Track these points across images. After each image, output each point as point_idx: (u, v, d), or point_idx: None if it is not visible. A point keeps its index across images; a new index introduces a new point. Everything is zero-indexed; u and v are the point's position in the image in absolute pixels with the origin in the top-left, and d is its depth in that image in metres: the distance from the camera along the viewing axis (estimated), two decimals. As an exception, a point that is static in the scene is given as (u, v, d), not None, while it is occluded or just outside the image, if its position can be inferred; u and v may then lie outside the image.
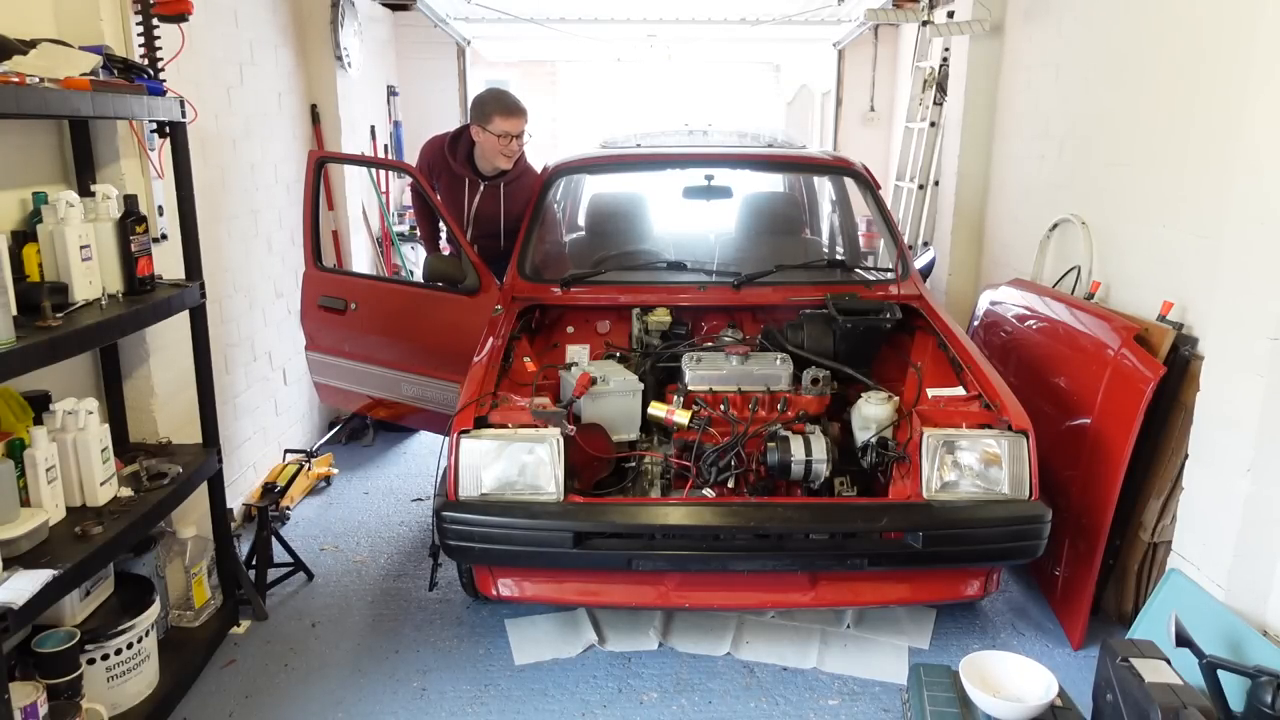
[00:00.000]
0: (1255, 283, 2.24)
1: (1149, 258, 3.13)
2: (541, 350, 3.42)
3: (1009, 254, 4.40)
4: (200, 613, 2.81)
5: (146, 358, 2.82)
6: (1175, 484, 2.68)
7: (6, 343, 1.92)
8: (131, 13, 2.67)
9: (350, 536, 3.69)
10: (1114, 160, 3.40)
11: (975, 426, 2.63)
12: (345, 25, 4.61)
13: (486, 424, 2.62)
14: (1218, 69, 2.77)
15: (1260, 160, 2.23)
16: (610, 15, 6.78)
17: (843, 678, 2.74)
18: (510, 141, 3.70)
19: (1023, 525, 2.53)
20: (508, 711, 2.60)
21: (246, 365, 3.88)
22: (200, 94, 3.34)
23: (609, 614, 3.02)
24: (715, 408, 2.91)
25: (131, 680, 2.37)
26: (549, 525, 2.51)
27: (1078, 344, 3.12)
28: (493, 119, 3.66)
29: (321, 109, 4.63)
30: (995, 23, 4.52)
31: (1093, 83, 3.59)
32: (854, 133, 7.23)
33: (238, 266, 3.78)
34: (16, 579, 1.91)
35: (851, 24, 6.67)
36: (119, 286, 2.46)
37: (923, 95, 5.31)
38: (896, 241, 3.73)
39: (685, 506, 2.58)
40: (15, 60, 2.11)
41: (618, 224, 4.34)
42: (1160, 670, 2.06)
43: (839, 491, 2.88)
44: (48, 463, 2.15)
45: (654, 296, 3.44)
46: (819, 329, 3.22)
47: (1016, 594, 3.21)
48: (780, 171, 4.87)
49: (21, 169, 2.42)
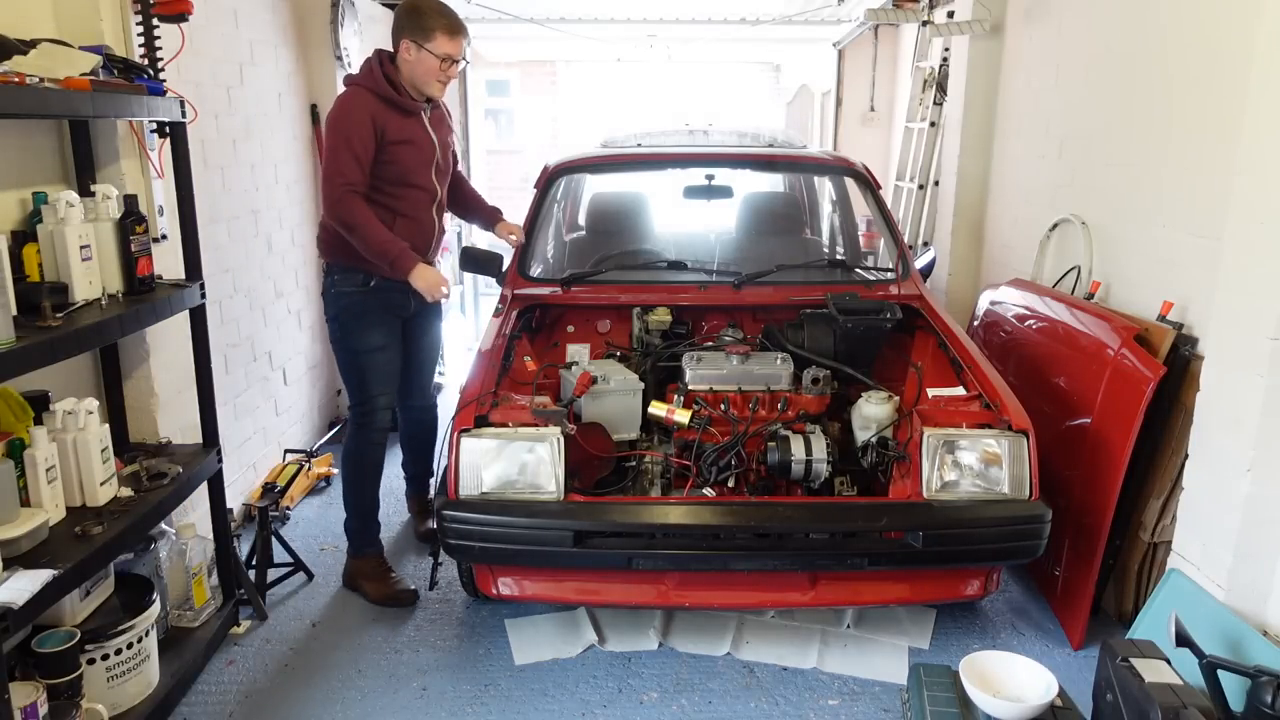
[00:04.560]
0: (1255, 283, 2.23)
1: (1149, 258, 3.13)
2: (542, 349, 3.43)
3: (1009, 254, 4.40)
4: (200, 613, 2.81)
5: (146, 358, 2.82)
6: (1175, 484, 2.68)
7: (6, 343, 1.91)
8: (131, 13, 2.67)
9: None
10: (1114, 160, 3.40)
11: (975, 426, 2.64)
12: (345, 25, 4.60)
13: (487, 423, 2.62)
14: (1218, 69, 2.77)
15: (1260, 160, 2.23)
16: (610, 15, 6.79)
17: (843, 678, 2.74)
18: (451, 66, 3.01)
19: (1023, 525, 2.53)
20: (508, 711, 2.59)
21: (246, 365, 3.88)
22: (200, 94, 3.34)
23: (609, 614, 3.02)
24: (715, 407, 2.91)
25: (131, 680, 2.36)
26: (549, 524, 2.52)
27: (1078, 344, 3.12)
28: (435, 36, 2.93)
29: (321, 109, 4.63)
30: (995, 23, 4.52)
31: (1093, 82, 3.59)
32: (854, 133, 7.23)
33: (238, 267, 3.78)
34: (16, 579, 1.90)
35: (851, 24, 6.67)
36: (119, 286, 2.46)
37: (923, 95, 5.31)
38: (897, 241, 3.73)
39: (685, 506, 2.58)
40: (15, 60, 2.11)
41: (618, 223, 4.34)
42: (1160, 670, 2.06)
43: (839, 491, 2.88)
44: (48, 463, 2.14)
45: (654, 296, 3.44)
46: (819, 329, 3.22)
47: (1016, 594, 3.21)
48: (780, 171, 4.88)
49: (21, 169, 2.42)
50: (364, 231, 2.92)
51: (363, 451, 3.21)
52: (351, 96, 2.98)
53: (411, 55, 2.97)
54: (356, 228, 2.91)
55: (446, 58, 2.97)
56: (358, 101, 2.95)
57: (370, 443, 3.19)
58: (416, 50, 2.95)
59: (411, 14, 2.96)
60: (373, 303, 3.11)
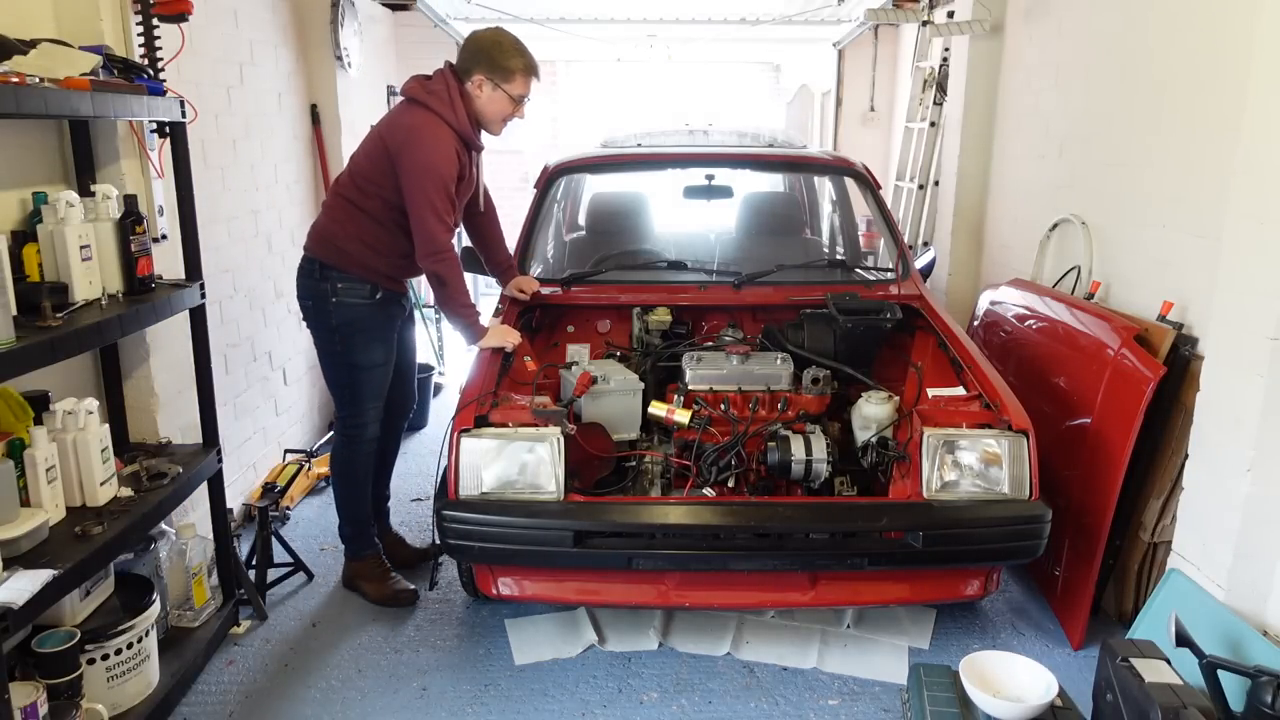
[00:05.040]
0: (1255, 283, 2.23)
1: (1149, 258, 3.13)
2: (542, 349, 3.43)
3: (1009, 254, 4.40)
4: (200, 613, 2.81)
5: (146, 358, 2.82)
6: (1175, 484, 2.68)
7: (6, 343, 1.92)
8: (131, 13, 2.67)
9: (350, 536, 3.69)
10: (1114, 160, 3.40)
11: (975, 426, 2.64)
12: (345, 25, 4.61)
13: (487, 423, 2.62)
14: (1217, 68, 2.77)
15: (1259, 160, 2.23)
16: (610, 15, 6.79)
17: (843, 678, 2.74)
18: (520, 107, 2.92)
19: (1023, 525, 2.53)
20: (508, 711, 2.59)
21: (246, 365, 3.88)
22: (200, 94, 3.34)
23: (609, 614, 3.02)
24: (715, 407, 2.91)
25: (131, 680, 2.36)
26: (549, 524, 2.52)
27: (1078, 344, 3.12)
28: (514, 77, 2.83)
29: (321, 109, 4.63)
30: (995, 23, 4.52)
31: (1093, 82, 3.59)
32: (854, 133, 7.23)
33: (238, 267, 3.78)
34: (16, 579, 1.90)
35: (851, 24, 6.67)
36: (119, 286, 2.46)
37: (923, 95, 5.31)
38: (897, 241, 3.74)
39: (685, 506, 2.58)
40: (15, 60, 2.11)
41: (618, 223, 4.35)
42: (1160, 670, 2.06)
43: (839, 491, 2.88)
44: (48, 463, 2.14)
45: (654, 296, 3.44)
46: (819, 329, 3.22)
47: (1016, 594, 3.21)
48: (780, 171, 4.88)
49: (21, 169, 2.42)
50: (455, 289, 2.89)
51: (354, 461, 3.12)
52: (442, 134, 2.80)
53: (484, 92, 2.85)
54: (449, 284, 2.87)
55: (520, 99, 2.90)
56: (448, 139, 2.81)
57: (362, 453, 3.11)
58: (492, 89, 2.85)
59: (492, 50, 2.83)
60: (379, 316, 3.01)
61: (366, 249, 2.92)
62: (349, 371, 3.02)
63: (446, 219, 2.82)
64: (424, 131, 2.79)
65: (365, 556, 3.23)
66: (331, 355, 3.04)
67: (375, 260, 2.93)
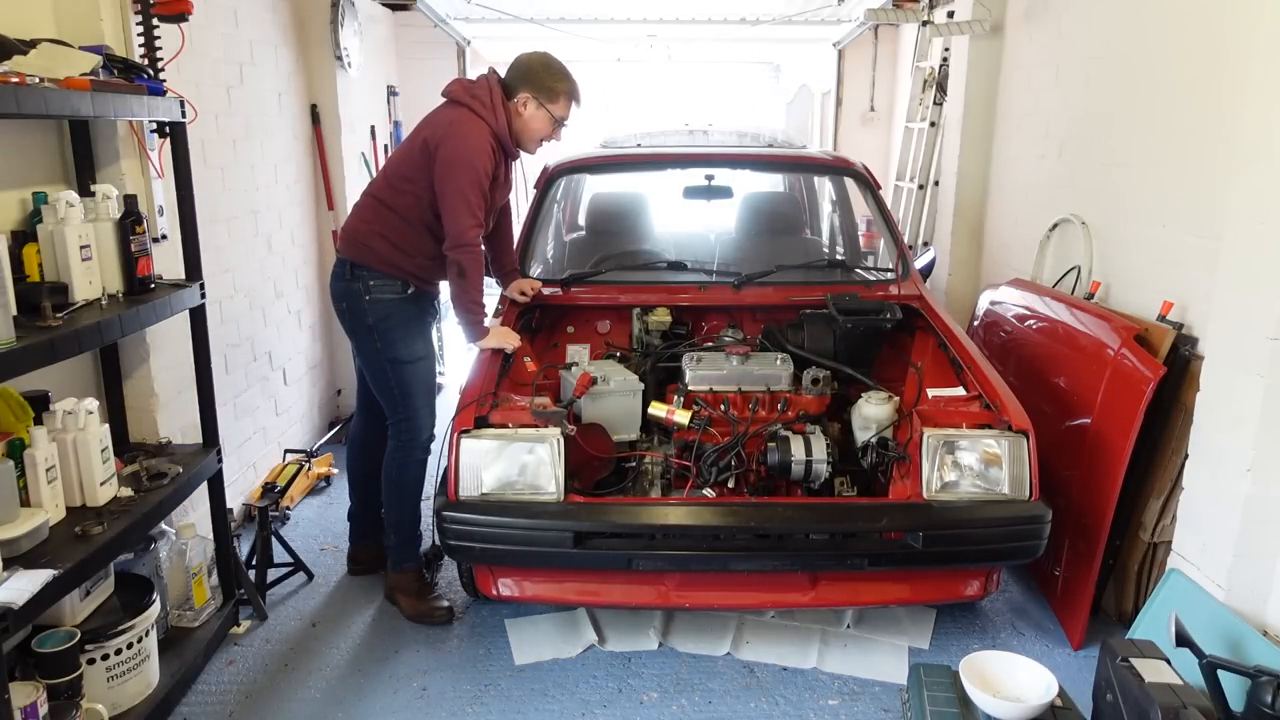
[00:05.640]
0: (1255, 283, 2.24)
1: (1149, 258, 3.13)
2: (542, 350, 3.43)
3: (1009, 254, 4.40)
4: (200, 613, 2.81)
5: (146, 358, 2.82)
6: (1175, 484, 2.68)
7: (6, 343, 1.92)
8: (131, 13, 2.67)
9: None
10: (1114, 160, 3.40)
11: (975, 426, 2.64)
12: (345, 25, 4.61)
13: (487, 424, 2.63)
14: (1218, 68, 2.77)
15: (1260, 160, 2.23)
16: (610, 15, 6.78)
17: (843, 678, 2.74)
18: (558, 129, 3.04)
19: (1023, 525, 2.54)
20: (508, 711, 2.60)
21: (246, 365, 3.88)
22: (200, 94, 3.34)
23: (609, 614, 3.02)
24: (715, 408, 2.92)
25: (131, 680, 2.36)
26: (549, 525, 2.52)
27: (1078, 344, 3.12)
28: (559, 100, 2.95)
29: (321, 109, 4.63)
30: (995, 23, 4.52)
31: (1093, 83, 3.59)
32: (854, 133, 7.23)
33: (238, 266, 3.78)
34: (16, 579, 1.90)
35: (851, 24, 6.67)
36: (119, 286, 2.46)
37: (923, 95, 5.31)
38: (897, 241, 3.74)
39: (685, 506, 2.58)
40: (15, 60, 2.11)
41: (618, 224, 4.35)
42: (1160, 670, 2.06)
43: (839, 491, 2.88)
44: (48, 463, 2.15)
45: (654, 296, 3.44)
46: (819, 329, 3.22)
47: (1016, 594, 3.21)
48: (780, 171, 4.88)
49: (21, 169, 2.42)
50: (472, 284, 2.90)
51: (406, 469, 3.04)
52: (483, 133, 2.87)
53: (527, 110, 2.94)
54: (469, 277, 2.88)
55: (560, 121, 3.00)
56: (486, 138, 2.87)
57: (414, 460, 3.03)
58: (536, 107, 2.93)
59: (542, 72, 2.92)
60: (413, 310, 3.01)
61: (392, 247, 2.93)
62: (393, 369, 2.98)
63: (477, 213, 2.84)
64: (464, 127, 2.86)
65: (405, 569, 3.10)
66: (373, 356, 3.00)
67: (400, 259, 2.94)
